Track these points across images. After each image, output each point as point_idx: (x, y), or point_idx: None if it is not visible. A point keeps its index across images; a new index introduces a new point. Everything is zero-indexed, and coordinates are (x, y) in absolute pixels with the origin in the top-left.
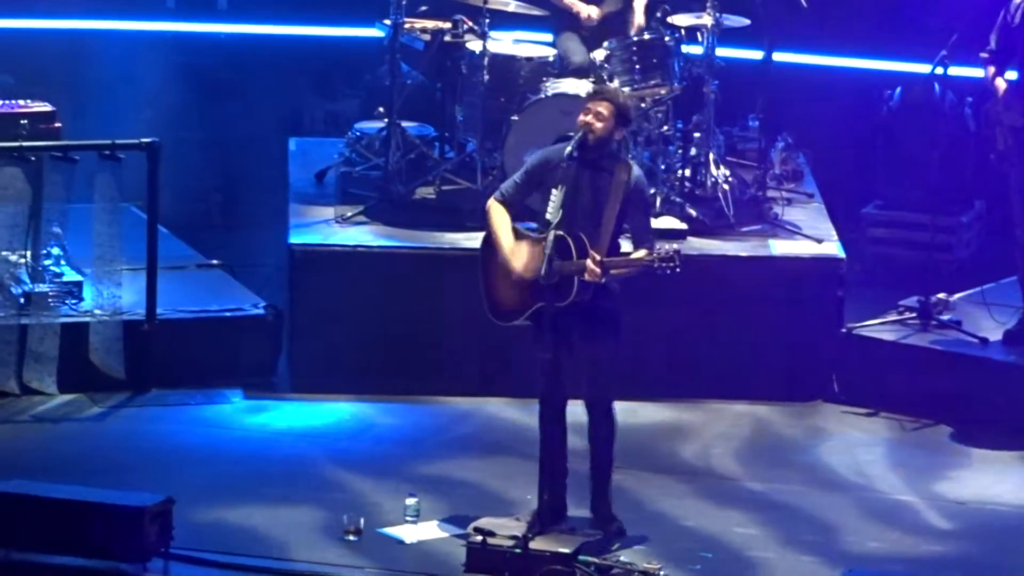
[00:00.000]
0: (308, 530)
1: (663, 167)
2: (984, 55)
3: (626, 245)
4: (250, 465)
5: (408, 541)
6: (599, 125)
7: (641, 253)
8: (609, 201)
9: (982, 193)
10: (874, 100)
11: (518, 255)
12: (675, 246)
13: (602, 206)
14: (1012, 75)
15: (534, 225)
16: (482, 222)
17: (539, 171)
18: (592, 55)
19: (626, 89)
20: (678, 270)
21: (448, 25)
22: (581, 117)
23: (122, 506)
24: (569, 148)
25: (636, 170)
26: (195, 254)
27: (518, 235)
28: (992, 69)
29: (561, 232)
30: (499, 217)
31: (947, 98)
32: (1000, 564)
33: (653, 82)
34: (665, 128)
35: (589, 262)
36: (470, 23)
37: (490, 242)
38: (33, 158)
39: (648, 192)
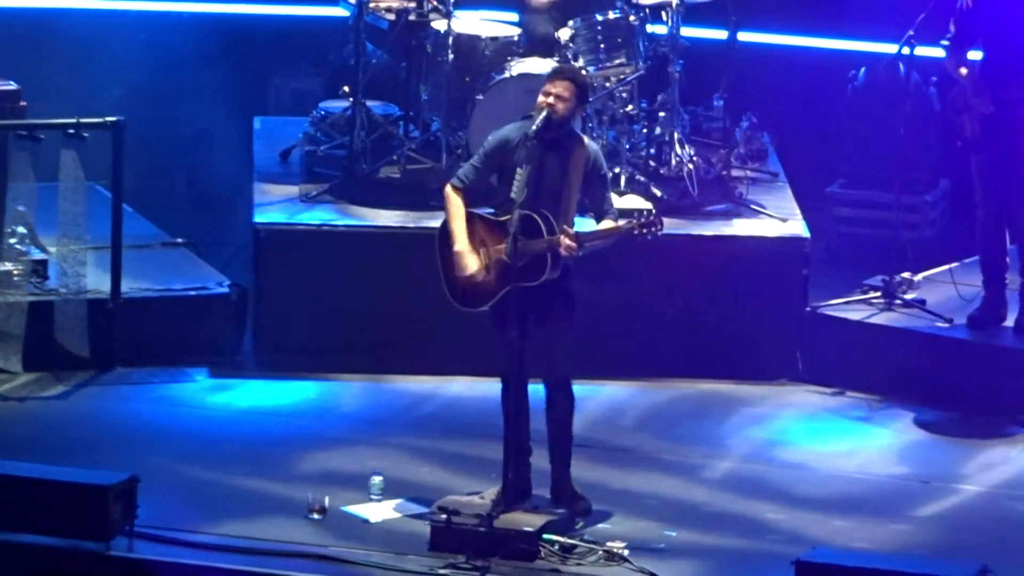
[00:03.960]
0: (273, 509)
1: (627, 147)
2: (944, 42)
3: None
4: (214, 444)
5: (372, 520)
6: (561, 106)
7: (614, 223)
8: (571, 178)
9: (947, 172)
10: (839, 80)
11: (471, 256)
12: (651, 208)
13: (564, 184)
14: (976, 55)
15: (490, 209)
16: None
17: (498, 152)
18: (557, 35)
19: (591, 68)
20: (660, 233)
21: (413, 4)
22: (541, 99)
23: (86, 484)
24: (534, 128)
25: (592, 145)
26: (160, 233)
27: (474, 225)
28: (953, 58)
29: (527, 211)
30: (455, 209)
31: (912, 78)
32: (963, 542)
33: (618, 61)
34: (630, 108)
35: (563, 237)
36: (435, 2)
37: (447, 232)
38: None
39: (605, 165)
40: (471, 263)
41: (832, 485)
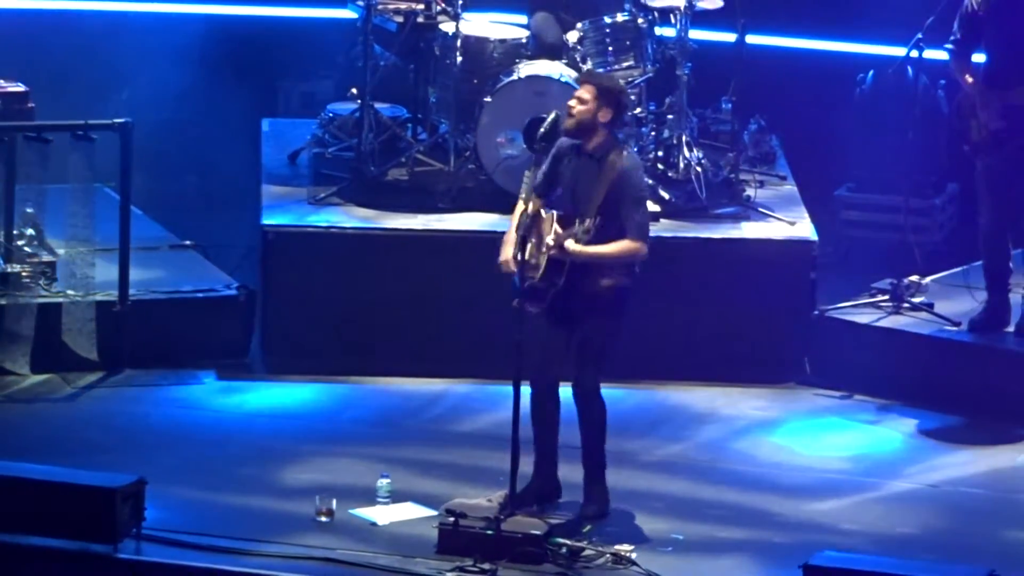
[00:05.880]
0: (280, 511)
1: (636, 149)
2: (949, 45)
3: None
4: (222, 446)
5: (380, 523)
6: (580, 108)
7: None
8: (597, 189)
9: (955, 176)
10: (847, 83)
11: (507, 245)
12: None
13: (587, 194)
14: (979, 58)
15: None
16: (458, 204)
17: (551, 159)
18: (565, 37)
19: (599, 71)
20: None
21: (421, 6)
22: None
23: (94, 487)
24: (542, 129)
25: (627, 162)
26: (168, 235)
27: (539, 222)
28: (958, 62)
29: (553, 211)
30: (517, 214)
31: (920, 81)
32: (970, 546)
33: (626, 64)
34: (638, 110)
35: (549, 236)
36: (443, 4)
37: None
38: (6, 138)
39: (635, 184)
40: (505, 251)
41: (840, 489)
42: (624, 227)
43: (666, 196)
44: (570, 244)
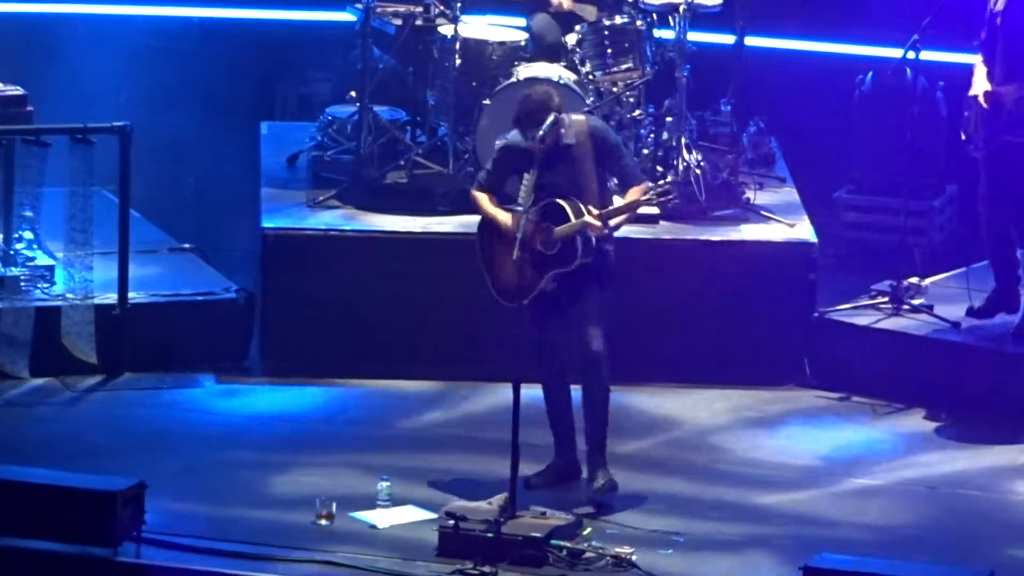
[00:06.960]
0: (280, 514)
1: (635, 152)
2: (976, 42)
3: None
4: (222, 449)
5: (380, 525)
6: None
7: (635, 194)
8: (583, 165)
9: (954, 177)
10: (846, 84)
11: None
12: (666, 180)
13: (579, 170)
14: None
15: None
16: (457, 206)
17: (506, 157)
18: (564, 39)
19: (598, 73)
20: (677, 200)
21: (420, 9)
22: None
23: (93, 490)
24: (541, 132)
25: (590, 120)
26: (167, 238)
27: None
28: (982, 60)
29: (552, 199)
30: (486, 200)
31: (919, 82)
32: (970, 547)
33: (625, 66)
34: (637, 113)
35: (588, 217)
36: (442, 7)
37: (487, 226)
38: (5, 142)
39: (611, 135)
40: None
41: (839, 490)
42: (621, 177)
43: None
44: (613, 216)
